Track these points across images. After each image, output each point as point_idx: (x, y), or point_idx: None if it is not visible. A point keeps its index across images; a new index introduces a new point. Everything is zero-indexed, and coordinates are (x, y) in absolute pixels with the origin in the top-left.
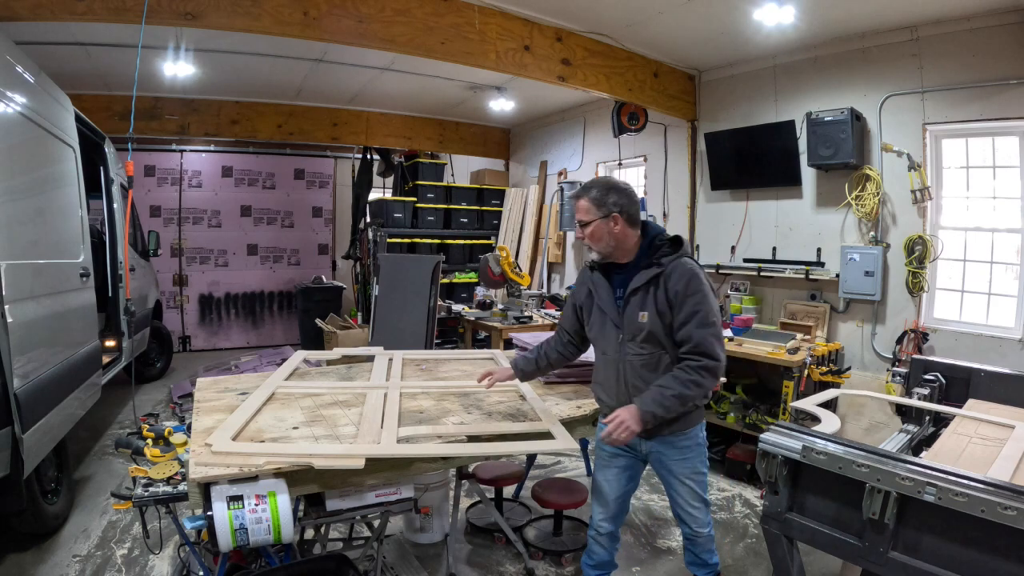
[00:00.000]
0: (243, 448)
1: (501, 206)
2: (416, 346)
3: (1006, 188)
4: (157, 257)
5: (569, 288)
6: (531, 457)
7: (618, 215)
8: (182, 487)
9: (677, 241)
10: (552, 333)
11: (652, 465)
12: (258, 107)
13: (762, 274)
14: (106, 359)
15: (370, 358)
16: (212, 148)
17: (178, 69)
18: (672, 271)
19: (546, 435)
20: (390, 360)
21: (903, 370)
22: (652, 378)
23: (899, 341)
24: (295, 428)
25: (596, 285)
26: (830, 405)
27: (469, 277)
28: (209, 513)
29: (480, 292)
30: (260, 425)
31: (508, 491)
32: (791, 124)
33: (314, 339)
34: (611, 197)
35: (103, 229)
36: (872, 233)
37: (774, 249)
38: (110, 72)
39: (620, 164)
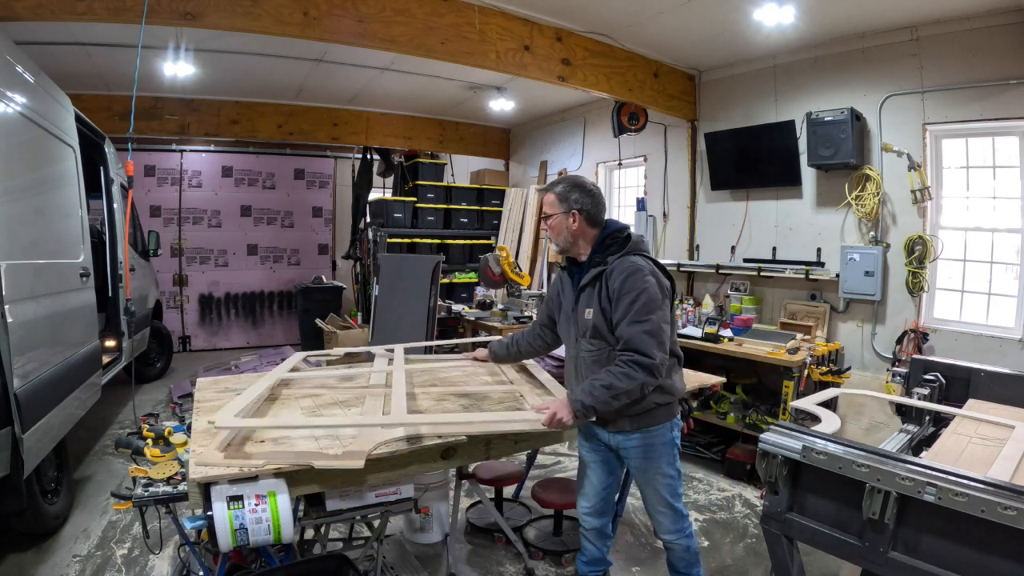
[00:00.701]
0: (246, 423)
1: (501, 206)
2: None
3: (1006, 188)
4: (157, 257)
5: None
6: (531, 457)
7: (577, 212)
8: (182, 487)
9: (627, 238)
10: None
11: (625, 464)
12: (258, 107)
13: (762, 274)
14: (106, 359)
15: (370, 357)
16: (212, 148)
17: (178, 69)
18: (614, 268)
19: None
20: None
21: (903, 370)
22: None
23: (899, 341)
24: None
25: (563, 283)
26: (830, 405)
27: (469, 277)
28: (209, 513)
29: (480, 292)
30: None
31: (508, 491)
32: (791, 124)
33: (314, 339)
34: (574, 195)
35: (103, 229)
36: (872, 233)
37: (774, 249)
38: (110, 72)
39: (620, 164)
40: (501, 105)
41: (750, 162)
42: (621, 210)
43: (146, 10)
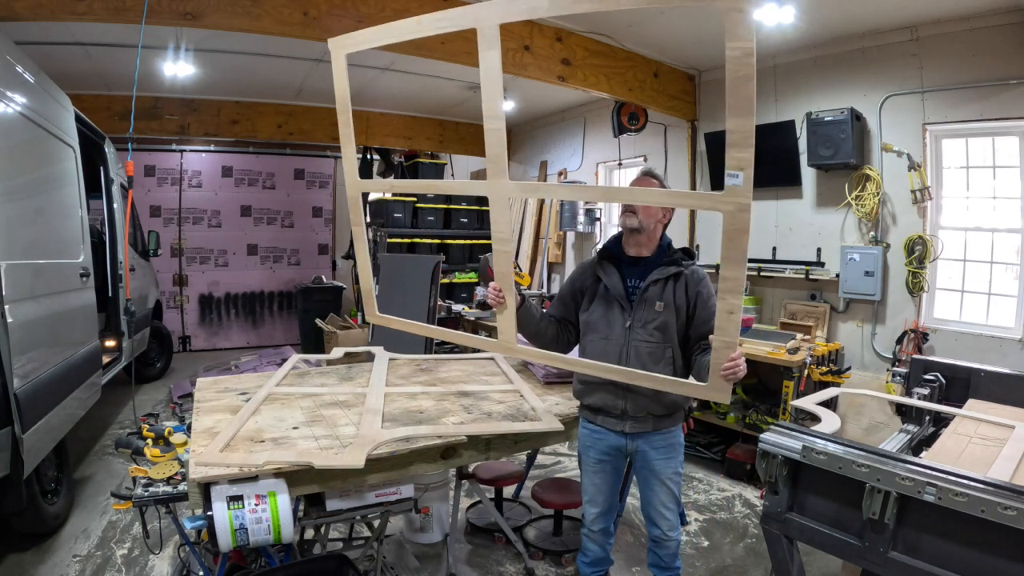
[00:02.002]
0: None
1: None
2: (416, 346)
3: (1006, 188)
4: (157, 257)
5: None
6: (531, 457)
7: (671, 211)
8: (182, 487)
9: (690, 252)
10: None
11: (634, 466)
12: (258, 107)
13: (762, 274)
14: (106, 359)
15: (370, 357)
16: (212, 148)
17: (178, 69)
18: (694, 275)
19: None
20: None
21: (903, 370)
22: (654, 368)
23: (899, 341)
24: (295, 428)
25: (606, 272)
26: (830, 405)
27: (469, 277)
28: (209, 513)
29: (480, 292)
30: (260, 425)
31: (508, 491)
32: (791, 124)
33: (314, 339)
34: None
35: (103, 229)
36: (872, 233)
37: (774, 249)
38: (110, 72)
39: (620, 164)
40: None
41: None
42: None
43: (146, 10)
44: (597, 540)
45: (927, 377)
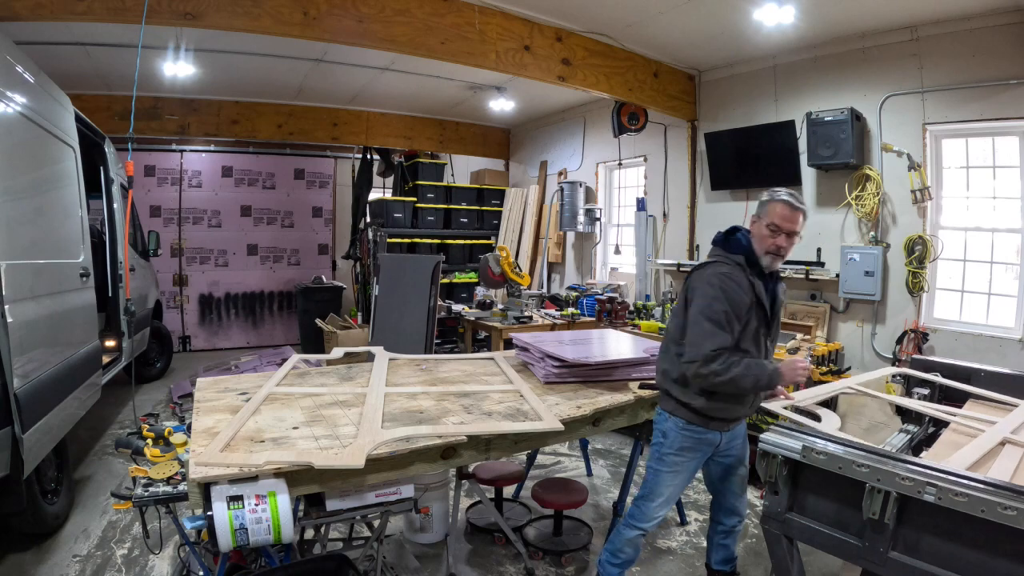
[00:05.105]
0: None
1: (501, 206)
2: (416, 346)
3: (1006, 188)
4: (157, 257)
5: (571, 288)
6: (531, 457)
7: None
8: (182, 487)
9: None
10: (554, 334)
11: (719, 458)
12: (258, 107)
13: None
14: (106, 359)
15: (370, 357)
16: (212, 148)
17: (178, 69)
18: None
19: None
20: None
21: (903, 370)
22: None
23: (899, 341)
24: (295, 428)
25: (759, 291)
26: (830, 404)
27: (469, 277)
28: (209, 513)
29: (480, 292)
30: (260, 425)
31: (508, 491)
32: (791, 124)
33: (314, 339)
34: None
35: (103, 229)
36: (872, 233)
37: None
38: (110, 72)
39: (620, 164)
40: (501, 105)
41: (750, 162)
42: (621, 210)
43: (146, 10)
44: (640, 544)
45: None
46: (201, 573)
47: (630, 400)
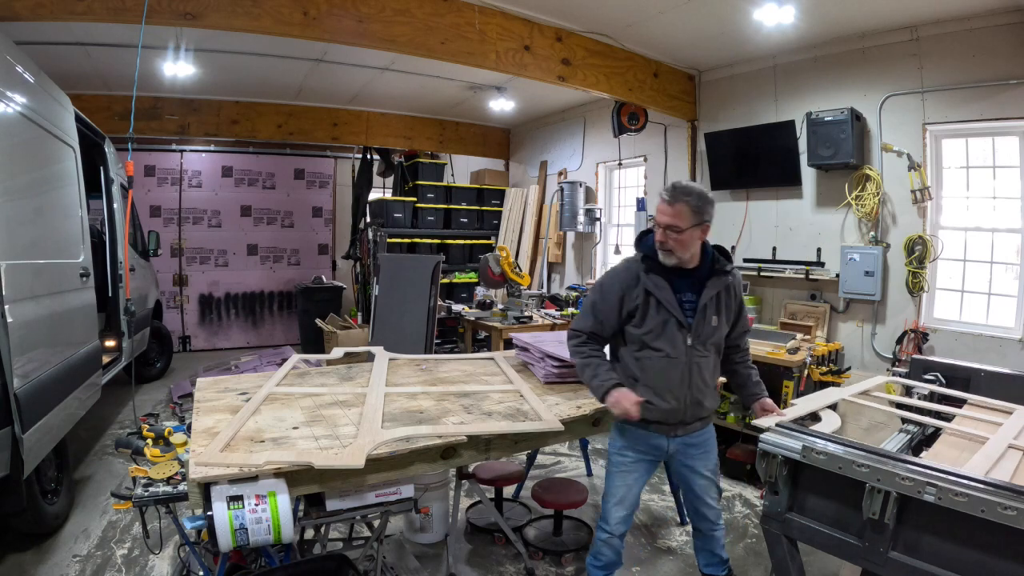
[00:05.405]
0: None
1: (501, 206)
2: (416, 346)
3: (1006, 188)
4: (157, 257)
5: (571, 288)
6: (531, 457)
7: (708, 225)
8: (182, 487)
9: (726, 251)
10: (554, 334)
11: (674, 465)
12: (258, 107)
13: (762, 274)
14: (106, 359)
15: (370, 357)
16: (212, 148)
17: (178, 69)
18: (735, 279)
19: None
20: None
21: (903, 370)
22: (711, 380)
23: (899, 341)
24: (295, 428)
25: (656, 287)
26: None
27: (469, 277)
28: (209, 513)
29: (480, 292)
30: (260, 425)
31: (508, 491)
32: (791, 124)
33: (314, 339)
34: (707, 207)
35: (103, 229)
36: (872, 233)
37: (774, 249)
38: (110, 72)
39: (620, 164)
40: (501, 105)
41: (750, 162)
42: (621, 210)
43: (146, 10)
44: (616, 545)
45: (927, 377)
46: (201, 573)
47: None
